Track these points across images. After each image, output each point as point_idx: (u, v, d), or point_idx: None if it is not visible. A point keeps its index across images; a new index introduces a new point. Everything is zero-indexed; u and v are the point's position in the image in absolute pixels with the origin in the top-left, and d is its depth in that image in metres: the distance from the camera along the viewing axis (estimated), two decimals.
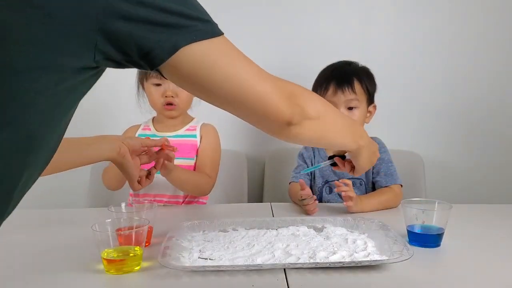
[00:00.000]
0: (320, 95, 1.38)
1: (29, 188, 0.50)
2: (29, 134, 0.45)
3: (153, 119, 1.44)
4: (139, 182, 1.06)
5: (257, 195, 1.81)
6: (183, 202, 1.38)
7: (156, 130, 1.40)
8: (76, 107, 0.51)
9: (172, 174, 1.20)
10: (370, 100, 1.39)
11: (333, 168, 1.07)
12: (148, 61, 0.52)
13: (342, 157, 1.04)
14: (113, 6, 0.46)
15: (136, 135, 1.39)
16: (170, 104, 1.33)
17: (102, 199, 1.56)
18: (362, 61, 1.43)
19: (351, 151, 0.91)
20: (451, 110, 1.80)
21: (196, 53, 0.53)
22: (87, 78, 0.49)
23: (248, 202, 1.69)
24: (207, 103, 0.63)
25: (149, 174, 1.10)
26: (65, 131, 0.53)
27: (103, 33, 0.47)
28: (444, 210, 0.94)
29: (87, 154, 0.97)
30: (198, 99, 1.30)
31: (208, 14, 0.55)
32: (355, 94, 1.33)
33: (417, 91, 1.80)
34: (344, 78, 1.34)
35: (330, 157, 1.08)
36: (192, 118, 1.45)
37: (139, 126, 1.43)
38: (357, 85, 1.34)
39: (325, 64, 1.44)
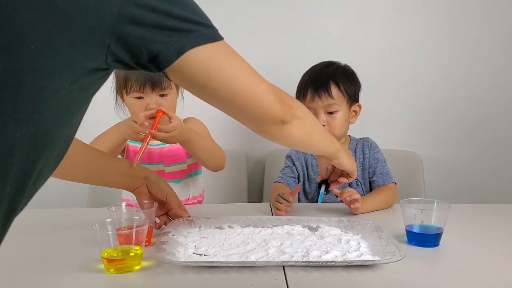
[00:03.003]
0: (300, 101, 1.37)
1: (40, 186, 0.51)
2: (45, 130, 0.46)
3: None
4: None
5: (257, 195, 1.81)
6: None
7: None
8: (87, 108, 0.53)
9: (188, 143, 1.19)
10: (352, 100, 1.36)
11: (331, 192, 1.13)
12: (155, 63, 0.54)
13: (326, 182, 1.10)
14: (127, 11, 0.49)
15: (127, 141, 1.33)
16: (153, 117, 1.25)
17: (102, 199, 1.56)
18: (360, 60, 1.43)
19: (332, 154, 0.96)
20: (450, 110, 1.81)
21: (200, 56, 0.56)
22: (97, 79, 0.51)
23: (248, 202, 1.69)
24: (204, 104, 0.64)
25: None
26: (76, 130, 0.54)
27: (115, 37, 0.49)
28: (443, 209, 0.94)
29: (106, 180, 1.00)
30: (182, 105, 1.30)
31: (210, 20, 0.58)
32: (333, 99, 1.31)
33: (416, 91, 1.80)
34: (320, 83, 1.32)
35: (320, 184, 1.11)
36: None
37: None
38: (334, 89, 1.31)
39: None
